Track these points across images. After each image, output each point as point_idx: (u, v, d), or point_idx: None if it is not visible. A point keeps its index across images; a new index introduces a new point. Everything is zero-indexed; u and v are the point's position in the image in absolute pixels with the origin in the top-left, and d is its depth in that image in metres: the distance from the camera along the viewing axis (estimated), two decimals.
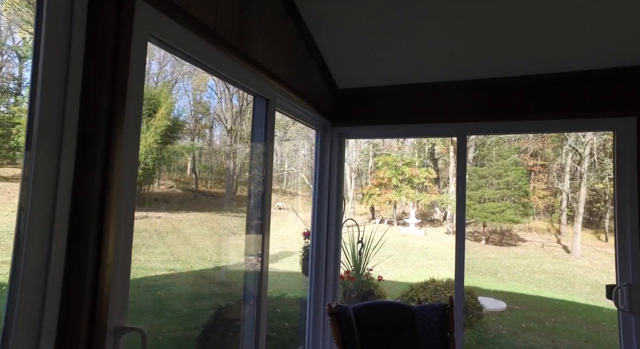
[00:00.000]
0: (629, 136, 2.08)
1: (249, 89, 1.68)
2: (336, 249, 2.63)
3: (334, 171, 2.65)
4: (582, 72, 2.12)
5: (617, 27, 1.79)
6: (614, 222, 2.12)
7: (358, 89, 2.63)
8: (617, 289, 2.06)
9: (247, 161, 12.38)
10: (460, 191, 2.41)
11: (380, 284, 4.24)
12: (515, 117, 2.26)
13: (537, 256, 11.85)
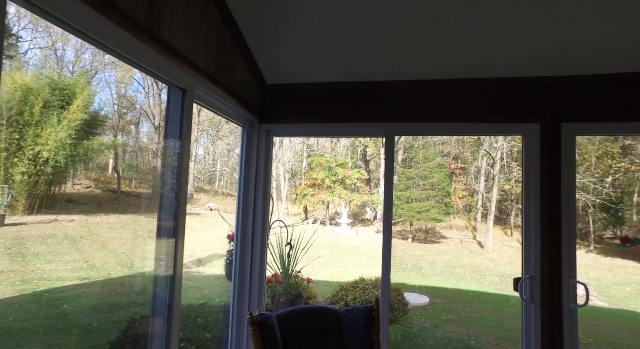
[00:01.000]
0: (534, 141, 2.26)
1: (162, 77, 1.49)
2: (262, 251, 2.52)
3: (260, 169, 2.53)
4: (496, 79, 2.26)
5: (526, 40, 1.92)
6: (522, 220, 2.30)
7: (287, 85, 2.55)
8: (522, 281, 2.23)
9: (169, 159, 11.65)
10: (388, 190, 2.44)
11: (311, 285, 4.21)
12: (438, 119, 2.35)
13: (456, 251, 12.81)
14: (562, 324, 2.15)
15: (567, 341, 2.15)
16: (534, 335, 2.19)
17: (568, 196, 2.21)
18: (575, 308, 2.17)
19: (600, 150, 12.71)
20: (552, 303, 2.17)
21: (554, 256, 2.19)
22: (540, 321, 2.18)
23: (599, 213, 12.65)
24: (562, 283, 2.17)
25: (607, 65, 2.09)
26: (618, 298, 8.23)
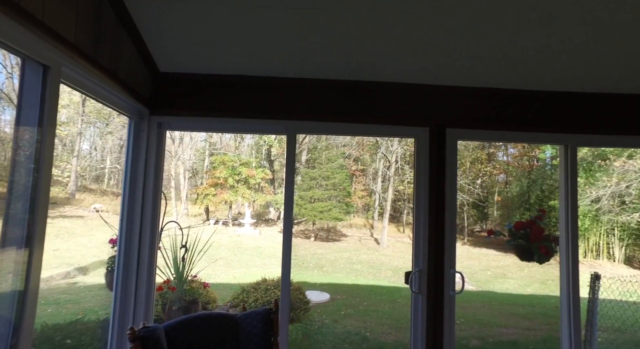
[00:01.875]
0: (424, 144, 2.46)
1: (11, 47, 1.20)
2: (151, 256, 2.26)
3: (150, 165, 2.27)
4: (393, 83, 2.40)
5: (422, 49, 2.07)
6: (413, 218, 2.48)
7: (184, 74, 2.33)
8: (412, 274, 2.40)
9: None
10: (289, 188, 2.40)
11: (212, 288, 3.96)
12: (339, 119, 2.39)
13: (356, 248, 13.53)
14: (442, 310, 2.38)
15: (446, 325, 2.38)
16: (420, 322, 2.38)
17: (451, 195, 2.46)
18: (453, 295, 2.42)
19: (473, 156, 14.75)
20: (435, 292, 2.38)
21: (438, 250, 2.40)
22: (426, 309, 2.38)
23: (471, 210, 14.66)
24: (444, 274, 2.40)
25: (485, 80, 2.37)
26: (482, 281, 9.62)
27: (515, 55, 2.11)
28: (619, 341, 4.78)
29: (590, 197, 11.13)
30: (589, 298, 3.65)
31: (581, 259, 12.14)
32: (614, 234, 11.27)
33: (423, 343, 2.37)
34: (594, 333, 3.67)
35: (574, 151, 2.54)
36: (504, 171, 15.61)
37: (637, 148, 2.11)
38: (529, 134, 2.54)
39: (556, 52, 2.08)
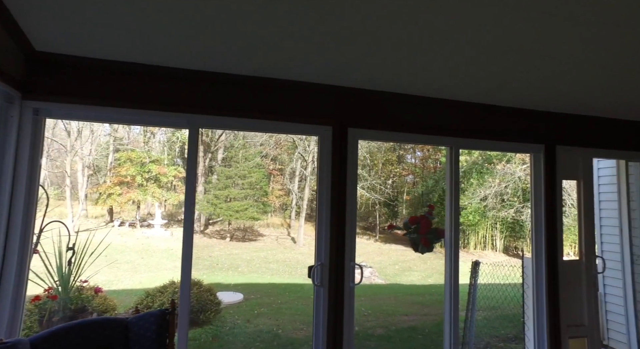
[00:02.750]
0: (327, 142, 2.56)
1: None
2: (22, 262, 1.98)
3: (23, 157, 1.99)
4: (298, 82, 2.45)
5: (326, 49, 2.14)
6: (316, 214, 2.56)
7: (68, 56, 2.09)
8: (314, 268, 2.48)
9: None
10: (190, 185, 2.31)
11: (113, 295, 3.61)
12: (244, 114, 2.37)
13: (272, 248, 13.50)
14: (343, 301, 2.50)
15: (346, 315, 2.50)
16: (322, 314, 2.47)
17: (351, 192, 2.59)
18: (353, 286, 2.55)
19: (385, 158, 15.75)
20: (337, 284, 2.49)
21: (339, 244, 2.52)
22: (327, 302, 2.47)
23: (383, 208, 15.63)
24: (344, 266, 2.52)
25: (385, 84, 2.55)
26: (391, 275, 10.33)
27: (410, 63, 2.30)
28: (493, 317, 5.53)
29: (480, 196, 12.66)
30: (470, 282, 4.15)
31: (472, 250, 13.73)
32: (496, 227, 12.99)
33: (324, 333, 2.47)
34: (473, 312, 4.18)
35: (457, 152, 2.86)
36: (412, 172, 16.95)
37: (509, 152, 2.52)
38: (423, 136, 2.80)
39: (443, 64, 2.32)
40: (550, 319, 2.99)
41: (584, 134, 3.22)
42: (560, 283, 3.04)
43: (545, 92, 2.78)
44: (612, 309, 3.92)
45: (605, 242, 4.14)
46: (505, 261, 8.45)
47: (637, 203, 3.63)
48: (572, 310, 3.08)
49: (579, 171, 3.23)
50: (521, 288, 3.31)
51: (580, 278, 3.14)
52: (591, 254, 3.17)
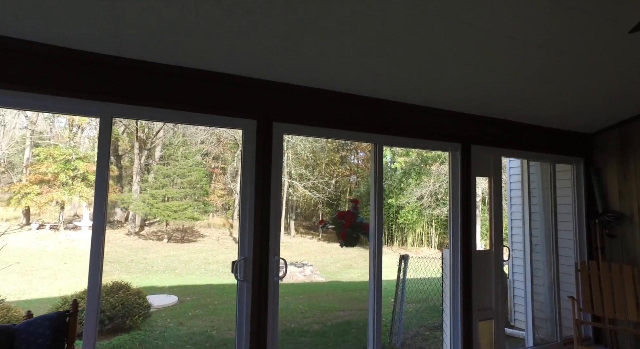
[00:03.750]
0: (251, 136, 2.54)
1: None
2: None
3: None
4: (220, 73, 2.40)
5: (250, 41, 2.12)
6: (239, 208, 2.53)
7: None
8: (237, 263, 2.45)
9: None
10: (101, 179, 2.16)
11: (25, 305, 3.25)
12: (161, 104, 2.28)
13: (213, 249, 13.10)
14: (267, 296, 2.49)
15: (270, 309, 2.50)
16: (246, 309, 2.44)
17: (276, 186, 2.60)
18: (277, 280, 2.56)
19: (328, 158, 15.99)
20: (260, 278, 2.48)
21: (263, 238, 2.51)
22: (251, 296, 2.45)
23: (326, 208, 15.85)
24: (269, 261, 2.52)
25: (309, 79, 2.58)
26: (332, 273, 10.52)
27: (334, 60, 2.36)
28: (423, 308, 5.85)
29: (417, 196, 13.33)
30: (398, 275, 4.36)
31: (409, 247, 14.40)
32: (432, 225, 13.77)
33: (248, 329, 2.44)
34: (402, 304, 4.39)
35: (381, 149, 2.99)
36: (354, 172, 17.38)
37: (430, 150, 2.72)
38: (349, 132, 2.88)
39: (366, 63, 2.42)
40: (464, 304, 3.23)
41: (495, 135, 3.53)
42: (473, 272, 3.29)
43: (462, 95, 3.01)
44: (518, 294, 4.34)
45: (515, 235, 4.57)
46: (437, 255, 8.99)
47: (537, 199, 4.05)
48: (482, 295, 3.36)
49: (490, 169, 3.53)
50: (442, 279, 3.54)
51: (490, 266, 3.43)
52: (499, 245, 3.48)
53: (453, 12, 2.03)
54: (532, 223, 3.96)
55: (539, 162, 4.06)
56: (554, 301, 3.89)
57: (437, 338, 4.59)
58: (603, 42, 2.48)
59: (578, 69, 2.79)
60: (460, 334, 3.21)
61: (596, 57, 2.65)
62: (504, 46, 2.39)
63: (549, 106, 3.38)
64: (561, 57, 2.59)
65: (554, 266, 3.91)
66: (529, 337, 3.74)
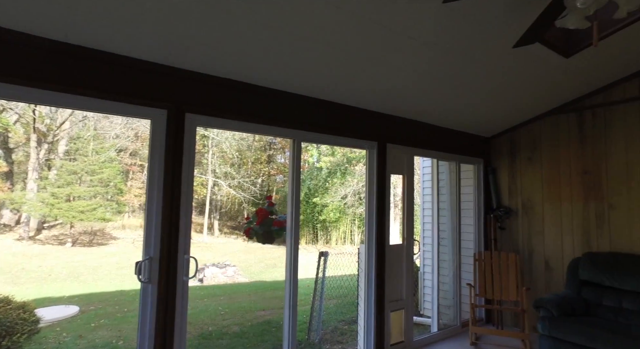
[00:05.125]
0: (160, 127, 2.36)
1: None
2: None
3: None
4: (130, 59, 2.19)
5: (161, 25, 1.95)
6: (145, 204, 2.33)
7: None
8: (141, 263, 2.25)
9: None
10: None
11: None
12: (59, 88, 2.01)
13: (127, 251, 12.07)
14: (175, 297, 2.34)
15: (178, 311, 2.35)
16: (150, 313, 2.26)
17: (187, 182, 2.45)
18: (187, 280, 2.41)
19: (254, 156, 15.73)
20: (168, 279, 2.31)
21: (172, 236, 2.35)
22: (157, 298, 2.27)
23: (251, 207, 15.56)
24: (178, 260, 2.37)
25: (226, 71, 2.48)
26: (255, 273, 10.35)
27: (252, 53, 2.29)
28: (343, 304, 6.03)
29: (341, 194, 13.72)
30: (317, 272, 4.42)
31: (333, 245, 14.75)
32: (355, 223, 14.29)
33: (152, 334, 2.26)
34: (321, 301, 4.46)
35: (299, 145, 2.99)
36: (281, 172, 17.32)
37: (349, 147, 2.84)
38: (268, 127, 2.83)
39: (286, 58, 2.39)
40: (377, 297, 3.37)
41: (409, 135, 3.75)
42: (386, 265, 3.46)
43: (378, 95, 3.14)
44: (427, 284, 4.68)
45: (425, 230, 4.92)
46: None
47: (445, 196, 4.41)
48: (395, 287, 3.55)
49: (404, 167, 3.74)
50: (358, 273, 3.66)
51: (402, 260, 3.64)
52: (411, 239, 3.71)
53: (369, 13, 2.10)
54: (440, 218, 4.30)
55: (447, 161, 4.42)
56: (455, 289, 4.26)
57: (354, 331, 4.75)
58: (497, 55, 2.77)
59: (480, 77, 3.08)
60: (373, 326, 3.34)
61: (493, 68, 2.96)
62: (416, 49, 2.54)
63: (456, 111, 3.69)
64: (466, 64, 2.84)
65: (457, 257, 4.29)
66: (434, 323, 4.05)
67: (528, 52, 2.76)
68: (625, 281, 3.19)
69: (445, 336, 4.00)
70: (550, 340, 3.09)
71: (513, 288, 3.87)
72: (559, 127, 3.98)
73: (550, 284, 3.94)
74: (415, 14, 2.17)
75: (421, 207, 5.05)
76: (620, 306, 3.19)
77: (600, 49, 2.89)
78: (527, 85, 3.35)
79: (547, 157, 4.05)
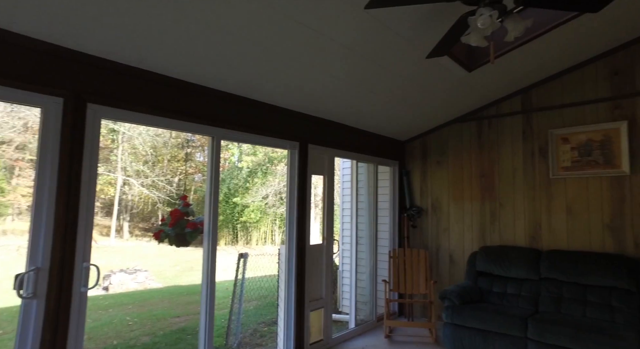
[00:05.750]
0: (54, 116, 2.06)
1: None
2: None
3: None
4: (20, 36, 1.86)
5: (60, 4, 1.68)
6: (32, 205, 2.01)
7: None
8: (24, 275, 1.94)
9: None
10: None
11: None
12: None
13: (8, 261, 10.43)
14: (69, 311, 2.05)
15: (72, 328, 2.07)
16: (33, 334, 1.95)
17: (89, 180, 2.18)
18: (85, 291, 2.14)
19: (171, 154, 14.75)
20: (60, 291, 2.02)
21: (68, 242, 2.06)
22: (43, 316, 1.97)
23: (167, 208, 14.57)
24: (75, 269, 2.09)
25: (140, 60, 2.25)
26: (170, 278, 9.71)
27: (165, 41, 2.12)
28: (263, 305, 5.95)
29: (263, 194, 13.56)
30: (236, 274, 4.29)
31: (254, 246, 14.51)
32: (276, 223, 14.23)
33: None
34: (240, 303, 4.34)
35: (219, 143, 2.86)
36: (200, 171, 16.50)
37: (270, 147, 2.79)
38: (184, 123, 2.65)
39: (205, 51, 2.25)
40: (297, 297, 3.38)
41: (330, 137, 3.83)
42: (306, 265, 3.48)
43: (300, 96, 3.14)
44: (345, 282, 4.84)
45: (345, 229, 5.08)
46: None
47: (364, 196, 4.61)
48: (314, 287, 3.59)
49: (325, 168, 3.81)
50: (278, 274, 3.63)
51: (322, 259, 3.70)
52: (331, 238, 3.79)
53: (292, 11, 2.08)
54: (359, 218, 4.48)
55: (366, 163, 4.61)
56: (372, 286, 4.47)
57: (274, 333, 4.70)
58: (411, 64, 2.96)
59: (396, 84, 3.27)
60: (293, 326, 3.34)
61: (406, 76, 3.16)
62: (337, 53, 2.60)
63: (373, 114, 3.87)
64: (382, 71, 2.98)
65: (374, 254, 4.50)
66: (352, 319, 4.19)
67: (438, 64, 3.01)
68: (509, 270, 3.66)
69: (362, 331, 4.17)
70: (452, 327, 3.41)
71: (423, 282, 4.19)
72: (462, 134, 4.42)
73: (454, 277, 4.35)
74: (338, 18, 2.22)
75: (341, 207, 5.21)
76: (506, 291, 3.65)
77: (495, 67, 3.27)
78: (436, 94, 3.65)
79: (453, 161, 4.47)
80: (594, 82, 3.57)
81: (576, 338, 2.80)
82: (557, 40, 3.05)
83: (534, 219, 3.86)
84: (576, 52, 3.40)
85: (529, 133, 3.95)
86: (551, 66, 3.58)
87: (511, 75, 3.60)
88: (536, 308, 3.41)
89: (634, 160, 3.34)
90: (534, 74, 3.68)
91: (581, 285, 3.31)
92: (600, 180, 3.51)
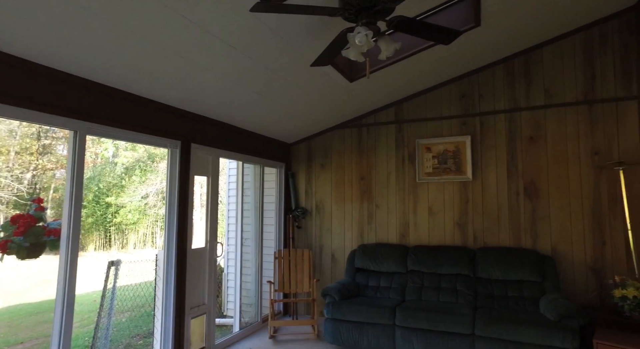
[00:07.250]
0: None
1: None
2: None
3: None
4: None
5: None
6: None
7: None
8: None
9: None
10: None
11: None
12: None
13: None
14: None
15: None
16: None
17: None
18: None
19: (21, 145, 12.34)
20: None
21: None
22: None
23: (13, 210, 12.14)
24: None
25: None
26: (15, 295, 8.11)
27: (15, 15, 1.76)
28: (138, 316, 5.42)
29: (142, 194, 12.35)
30: (105, 284, 3.82)
31: (131, 250, 13.14)
32: (157, 224, 13.12)
33: None
34: (110, 316, 3.87)
35: (83, 138, 2.51)
36: (62, 166, 14.18)
37: (148, 145, 2.60)
38: (40, 114, 2.25)
39: (69, 32, 1.94)
40: (177, 305, 3.18)
41: (215, 136, 3.70)
42: (188, 271, 3.30)
43: (182, 92, 2.96)
44: (231, 285, 4.74)
45: (230, 231, 4.97)
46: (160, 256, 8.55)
47: (250, 198, 4.58)
48: (196, 293, 3.42)
49: (209, 169, 3.66)
50: (155, 282, 3.35)
51: (205, 263, 3.55)
52: (214, 241, 3.66)
53: (177, 4, 1.95)
54: (245, 219, 4.43)
55: (252, 164, 4.58)
56: (257, 287, 4.47)
57: (150, 345, 4.32)
58: (296, 70, 3.06)
59: (283, 88, 3.33)
60: (171, 336, 3.13)
61: (291, 81, 3.25)
62: (222, 51, 2.53)
63: (259, 116, 3.87)
64: (267, 74, 3.01)
65: (259, 256, 4.51)
66: (236, 323, 4.12)
67: (323, 72, 3.17)
68: (382, 265, 4.07)
69: (247, 333, 4.13)
70: (333, 322, 3.63)
71: (307, 281, 4.36)
72: (345, 139, 4.74)
73: (335, 274, 4.63)
74: (223, 17, 2.16)
75: (227, 209, 5.07)
76: (379, 284, 4.04)
77: (372, 80, 3.60)
78: (321, 100, 3.85)
79: (336, 165, 4.76)
80: (449, 101, 4.22)
81: (430, 320, 3.27)
82: (420, 63, 3.52)
83: (404, 219, 4.36)
84: (435, 74, 3.97)
85: (400, 141, 4.45)
86: (419, 83, 4.11)
87: (386, 88, 4.00)
88: (403, 297, 3.86)
89: (475, 168, 4.06)
90: (406, 89, 4.16)
91: (437, 274, 3.87)
92: (452, 184, 4.16)
